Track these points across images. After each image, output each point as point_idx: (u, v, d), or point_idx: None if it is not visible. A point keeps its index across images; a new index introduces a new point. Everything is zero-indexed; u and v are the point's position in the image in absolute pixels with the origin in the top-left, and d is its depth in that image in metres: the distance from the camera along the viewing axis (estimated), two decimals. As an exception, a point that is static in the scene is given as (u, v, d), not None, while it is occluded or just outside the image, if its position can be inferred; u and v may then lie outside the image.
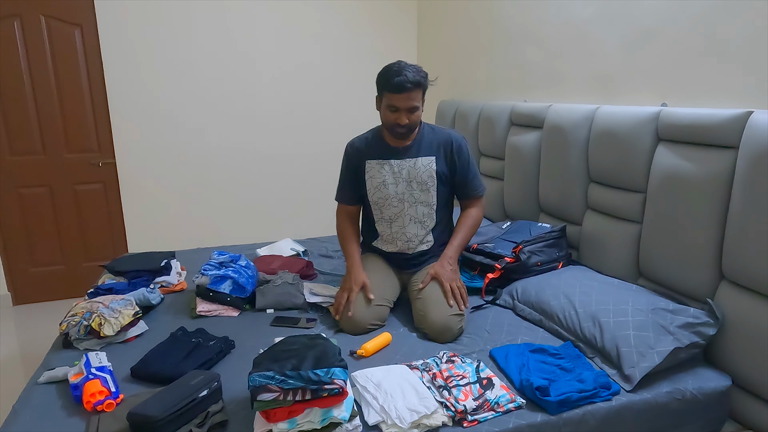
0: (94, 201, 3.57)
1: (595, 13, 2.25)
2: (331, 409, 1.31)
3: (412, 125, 1.93)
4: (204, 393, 1.34)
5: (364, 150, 2.08)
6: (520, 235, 2.32)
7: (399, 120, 1.90)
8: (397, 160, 2.03)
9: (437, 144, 2.04)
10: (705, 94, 1.79)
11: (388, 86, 1.87)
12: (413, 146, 2.03)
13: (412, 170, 2.02)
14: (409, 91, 1.85)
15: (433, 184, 2.03)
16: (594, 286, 1.88)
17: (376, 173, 2.05)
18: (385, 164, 2.04)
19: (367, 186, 2.07)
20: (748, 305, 1.56)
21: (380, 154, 2.05)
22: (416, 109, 1.91)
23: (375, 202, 2.08)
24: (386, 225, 2.09)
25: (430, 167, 2.02)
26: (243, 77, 3.69)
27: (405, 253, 2.09)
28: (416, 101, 1.89)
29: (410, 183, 2.02)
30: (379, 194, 2.05)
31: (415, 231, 2.06)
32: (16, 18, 3.16)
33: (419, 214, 2.05)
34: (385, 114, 1.94)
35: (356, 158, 2.09)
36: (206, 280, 2.09)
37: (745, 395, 1.59)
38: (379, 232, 2.12)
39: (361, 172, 2.08)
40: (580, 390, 1.46)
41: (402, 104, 1.87)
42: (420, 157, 2.03)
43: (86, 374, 1.47)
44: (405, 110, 1.89)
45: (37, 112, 3.33)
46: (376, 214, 2.10)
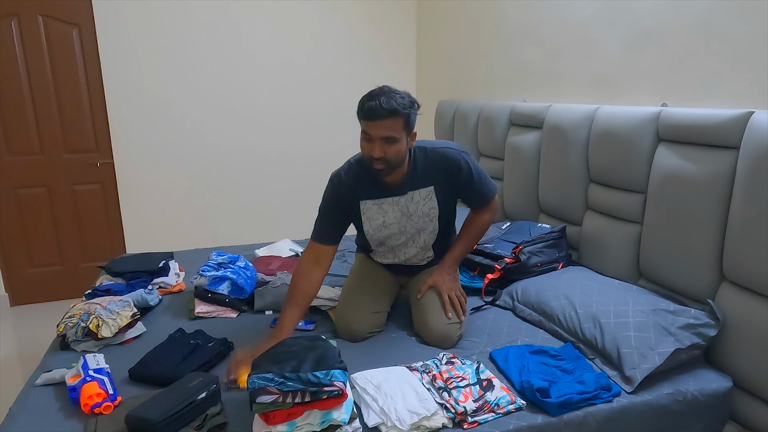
0: (92, 201, 3.56)
1: (595, 13, 2.25)
2: (331, 412, 1.31)
3: (390, 160, 1.66)
4: (202, 395, 1.33)
5: (356, 187, 1.83)
6: (519, 235, 2.32)
7: (372, 152, 1.64)
8: (396, 197, 1.82)
9: (433, 171, 1.81)
10: (705, 94, 1.79)
11: (362, 112, 1.64)
12: (407, 179, 1.80)
13: (412, 205, 1.83)
14: (381, 118, 1.60)
15: (436, 213, 1.85)
16: (594, 286, 1.88)
17: (374, 214, 1.85)
18: (383, 203, 1.83)
19: (365, 227, 1.88)
20: (749, 306, 1.56)
21: (376, 193, 1.82)
22: (394, 141, 1.64)
23: (375, 239, 1.91)
24: (387, 249, 1.95)
25: (430, 197, 1.83)
26: (242, 77, 3.68)
27: (403, 264, 2.00)
28: (393, 131, 1.62)
29: (411, 217, 1.85)
30: (379, 234, 1.88)
31: (415, 252, 1.95)
32: (14, 18, 3.15)
33: (421, 240, 1.92)
34: (361, 144, 1.70)
35: (347, 196, 1.83)
36: (205, 281, 2.08)
37: (746, 396, 1.59)
38: (378, 252, 1.99)
39: (354, 212, 1.86)
40: (580, 391, 1.45)
41: (374, 132, 1.62)
42: (417, 190, 1.82)
43: (84, 376, 1.46)
44: (379, 140, 1.63)
45: (35, 112, 3.32)
46: (374, 245, 1.94)
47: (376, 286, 1.99)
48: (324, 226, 1.86)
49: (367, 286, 1.97)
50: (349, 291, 1.99)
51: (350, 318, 1.87)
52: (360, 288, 1.98)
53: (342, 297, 1.99)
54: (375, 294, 1.95)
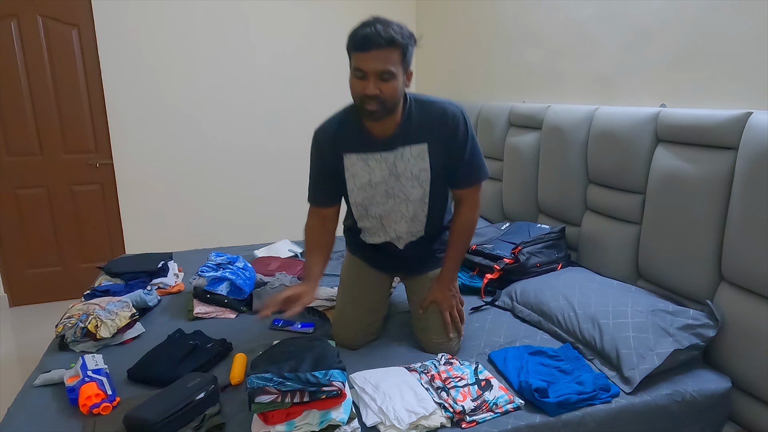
0: (91, 202, 3.56)
1: (594, 14, 2.25)
2: (330, 411, 1.31)
3: (385, 99, 1.48)
4: (201, 396, 1.33)
5: (340, 140, 1.66)
6: (519, 236, 2.32)
7: (366, 89, 1.46)
8: (384, 152, 1.63)
9: (429, 125, 1.61)
10: (704, 94, 1.79)
11: (354, 42, 1.45)
12: (401, 133, 1.61)
13: (401, 163, 1.63)
14: (378, 48, 1.41)
15: (427, 177, 1.65)
16: (593, 287, 1.88)
17: (359, 170, 1.66)
18: (369, 158, 1.64)
19: (348, 185, 1.69)
20: (747, 307, 1.56)
21: (361, 146, 1.64)
22: (390, 76, 1.45)
23: (359, 203, 1.72)
24: (374, 221, 1.75)
25: (422, 157, 1.62)
26: (241, 79, 3.68)
27: (394, 244, 1.79)
28: (389, 64, 1.44)
29: (400, 178, 1.65)
30: (363, 194, 1.69)
31: (406, 228, 1.74)
32: (13, 18, 3.15)
33: (410, 211, 1.71)
34: (352, 84, 1.52)
35: (330, 151, 1.67)
36: (203, 281, 2.08)
37: (745, 397, 1.59)
38: (365, 228, 1.79)
39: (338, 168, 1.68)
40: (579, 392, 1.45)
41: (369, 66, 1.44)
42: (408, 146, 1.61)
43: (82, 377, 1.46)
44: (373, 75, 1.45)
45: (34, 113, 3.32)
46: (359, 212, 1.74)
47: (370, 294, 1.87)
48: (317, 188, 1.75)
49: (360, 297, 1.85)
50: (342, 304, 1.89)
51: (346, 333, 1.80)
52: (353, 299, 1.86)
53: (336, 310, 1.92)
54: (369, 304, 1.85)
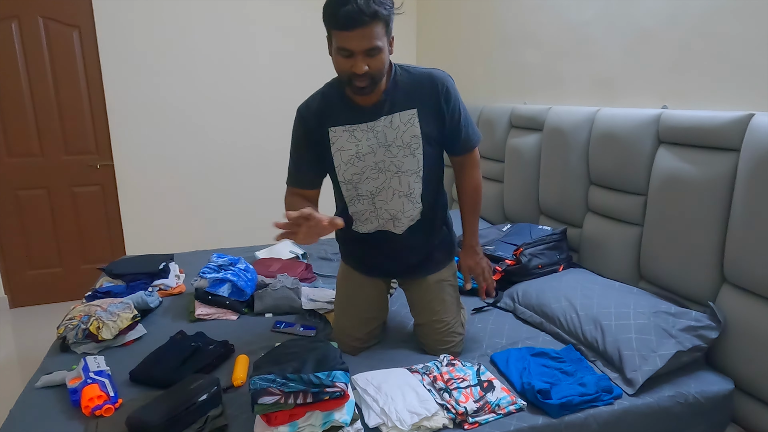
0: (91, 203, 3.56)
1: (595, 16, 2.25)
2: (333, 413, 1.30)
3: (374, 74, 1.42)
4: (203, 397, 1.33)
5: (324, 114, 1.58)
6: (520, 237, 2.32)
7: (355, 68, 1.39)
8: (371, 122, 1.55)
9: (417, 90, 1.55)
10: (706, 96, 1.79)
11: (336, 21, 1.36)
12: (386, 99, 1.54)
13: (390, 131, 1.55)
14: (363, 25, 1.34)
15: (419, 145, 1.57)
16: (595, 289, 1.88)
17: (345, 143, 1.57)
18: (355, 130, 1.56)
19: (335, 162, 1.59)
20: (750, 308, 1.55)
21: (347, 118, 1.56)
22: (377, 51, 1.39)
23: (348, 180, 1.61)
24: (366, 202, 1.64)
25: (411, 123, 1.55)
26: (242, 79, 3.69)
27: (390, 232, 1.69)
28: (376, 39, 1.37)
29: (390, 148, 1.56)
30: (352, 169, 1.59)
31: (401, 206, 1.63)
32: (14, 19, 3.15)
33: (404, 185, 1.61)
34: (337, 62, 1.44)
35: (315, 126, 1.58)
36: (205, 283, 2.08)
37: (748, 399, 1.58)
38: (357, 213, 1.67)
39: (324, 144, 1.59)
40: (581, 393, 1.45)
41: (356, 45, 1.36)
42: (397, 113, 1.54)
43: (84, 378, 1.46)
44: (361, 54, 1.38)
45: (35, 114, 3.32)
46: (350, 192, 1.64)
47: (365, 306, 1.80)
48: (299, 169, 1.64)
49: (356, 310, 1.79)
50: (339, 317, 1.84)
51: (344, 344, 1.77)
52: (348, 313, 1.80)
53: (335, 319, 1.87)
54: (365, 314, 1.80)
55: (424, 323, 1.77)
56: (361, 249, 1.79)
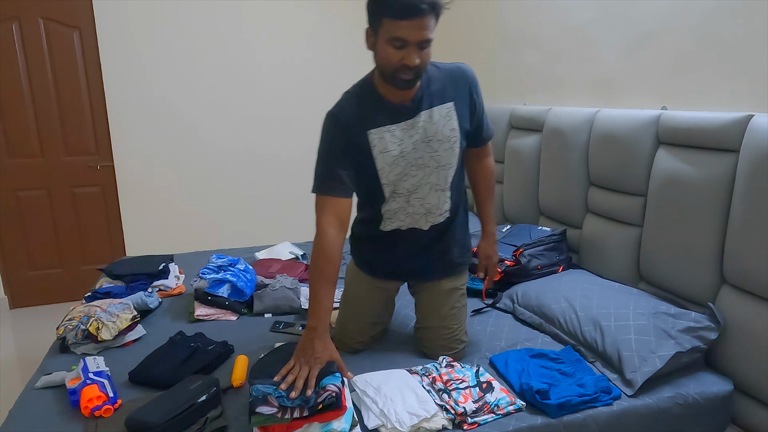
0: (92, 204, 3.56)
1: (595, 17, 2.25)
2: (331, 423, 1.29)
3: (421, 68, 1.39)
4: (203, 398, 1.33)
5: (361, 117, 1.51)
6: (520, 238, 2.32)
7: (408, 60, 1.34)
8: (410, 120, 1.51)
9: (451, 84, 1.54)
10: (705, 97, 1.79)
11: (391, 9, 1.30)
12: (422, 95, 1.51)
13: (430, 126, 1.51)
14: (421, 15, 1.29)
15: (457, 137, 1.55)
16: (594, 289, 1.88)
17: (388, 144, 1.50)
18: (395, 129, 1.51)
19: (378, 164, 1.52)
20: (749, 309, 1.55)
21: (385, 118, 1.50)
22: (429, 44, 1.37)
23: (391, 182, 1.55)
24: (401, 200, 1.59)
25: (450, 116, 1.53)
26: (242, 80, 3.69)
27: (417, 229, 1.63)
28: (430, 31, 1.34)
29: (430, 143, 1.53)
30: (396, 170, 1.53)
31: (435, 201, 1.60)
32: (15, 21, 3.15)
33: (441, 180, 1.58)
34: (385, 53, 1.37)
35: (352, 130, 1.51)
36: (204, 283, 2.08)
37: (747, 400, 1.58)
38: (389, 211, 1.62)
39: (363, 148, 1.52)
40: (580, 394, 1.45)
41: (412, 36, 1.31)
42: (435, 107, 1.52)
43: (84, 379, 1.46)
44: (415, 45, 1.33)
45: (36, 115, 3.32)
46: (388, 191, 1.57)
47: (373, 310, 1.80)
48: (331, 173, 1.52)
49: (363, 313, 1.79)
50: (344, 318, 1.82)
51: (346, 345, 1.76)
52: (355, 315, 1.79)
53: (337, 321, 1.85)
54: (372, 319, 1.80)
55: (430, 327, 1.74)
56: (377, 250, 1.72)
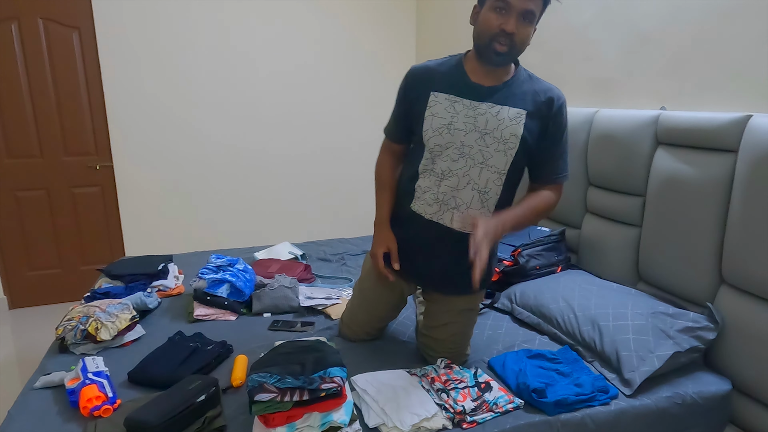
0: (91, 204, 3.56)
1: (594, 17, 2.25)
2: (331, 413, 1.31)
3: (517, 44, 1.42)
4: (202, 398, 1.33)
5: (432, 77, 1.55)
6: (518, 238, 2.32)
7: (506, 25, 1.38)
8: (476, 102, 1.49)
9: (533, 95, 1.51)
10: (704, 97, 1.80)
11: None
12: (502, 89, 1.50)
13: (493, 120, 1.48)
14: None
15: (515, 145, 1.49)
16: (593, 290, 1.88)
17: (442, 111, 1.51)
18: (457, 102, 1.50)
19: (424, 125, 1.53)
20: (748, 309, 1.56)
21: (453, 88, 1.52)
22: (531, 20, 1.41)
23: (431, 149, 1.54)
24: (434, 180, 1.56)
25: (517, 122, 1.49)
26: (241, 80, 3.69)
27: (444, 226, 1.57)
28: (535, 6, 1.39)
29: (485, 136, 1.49)
30: (438, 139, 1.52)
31: (468, 199, 1.54)
32: (14, 21, 3.15)
33: (482, 180, 1.52)
34: (487, 18, 1.41)
35: (419, 85, 1.56)
36: (204, 283, 2.08)
37: (746, 399, 1.59)
38: (421, 188, 1.59)
39: (421, 105, 1.54)
40: (577, 393, 1.46)
41: (517, 2, 1.36)
42: (508, 107, 1.49)
43: (83, 379, 1.46)
44: (516, 12, 1.37)
45: (35, 115, 3.32)
46: (426, 163, 1.57)
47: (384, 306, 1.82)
48: (394, 123, 1.69)
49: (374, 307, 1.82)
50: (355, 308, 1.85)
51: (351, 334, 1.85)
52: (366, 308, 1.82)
53: (347, 309, 1.89)
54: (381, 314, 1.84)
55: (437, 339, 1.72)
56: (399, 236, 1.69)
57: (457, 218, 1.55)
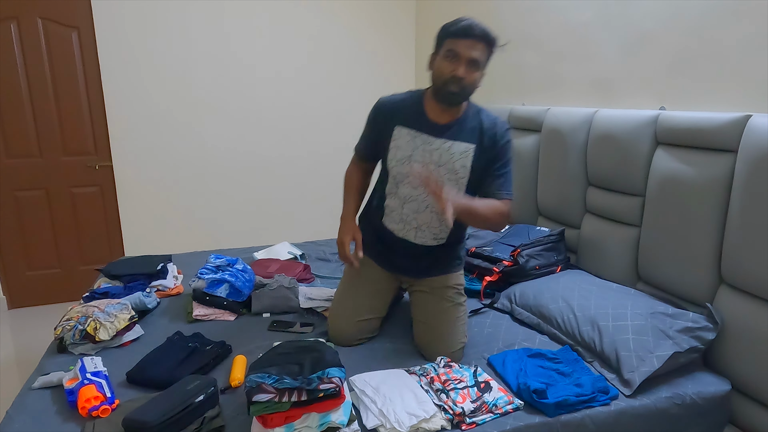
0: (90, 204, 3.56)
1: (594, 17, 2.25)
2: (329, 414, 1.30)
3: (466, 87, 1.62)
4: (200, 398, 1.33)
5: (397, 112, 1.76)
6: (518, 238, 2.32)
7: (456, 71, 1.59)
8: (432, 137, 1.71)
9: (481, 130, 1.72)
10: (703, 97, 1.79)
11: (451, 30, 1.62)
12: (454, 126, 1.71)
13: (446, 154, 1.70)
14: (474, 38, 1.58)
15: (465, 176, 1.72)
16: (593, 290, 1.88)
17: (404, 144, 1.73)
18: (417, 137, 1.72)
19: (389, 155, 1.76)
20: (747, 309, 1.56)
21: (415, 124, 1.72)
22: (477, 67, 1.61)
23: (394, 176, 1.77)
24: (398, 203, 1.79)
25: (467, 156, 1.71)
26: (240, 80, 3.69)
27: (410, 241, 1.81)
28: (480, 56, 1.60)
29: (439, 168, 1.71)
30: (400, 168, 1.74)
31: (428, 221, 1.77)
32: (13, 20, 3.15)
33: (438, 205, 1.68)
34: (441, 65, 1.63)
35: (385, 117, 1.77)
36: (203, 283, 2.08)
37: (745, 400, 1.59)
38: (388, 207, 1.83)
39: (386, 137, 1.76)
40: (577, 394, 1.46)
41: (464, 51, 1.58)
42: (458, 141, 1.70)
43: (81, 379, 1.46)
44: (465, 60, 1.59)
45: (34, 115, 3.31)
46: (391, 187, 1.80)
47: (370, 289, 1.91)
48: (363, 144, 1.92)
49: (360, 289, 1.90)
50: (341, 294, 1.94)
51: (339, 324, 1.84)
52: (351, 291, 1.92)
53: (334, 299, 1.96)
54: (368, 298, 1.89)
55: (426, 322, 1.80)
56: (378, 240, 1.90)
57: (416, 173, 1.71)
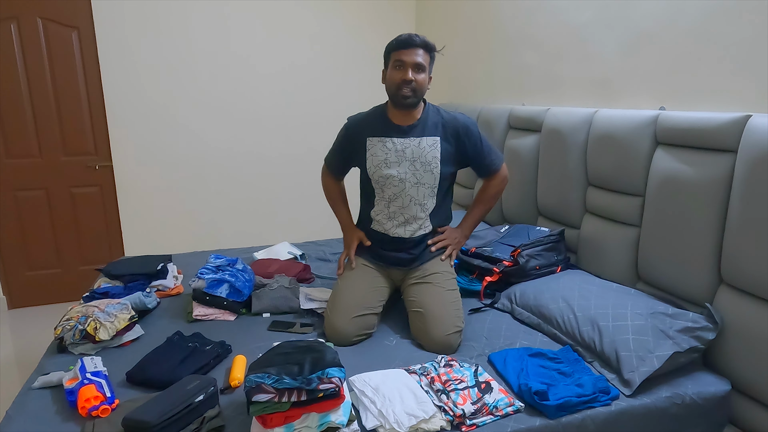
0: (90, 204, 3.56)
1: (593, 17, 2.25)
2: (329, 414, 1.30)
3: (417, 89, 1.87)
4: (200, 398, 1.33)
5: (365, 126, 2.01)
6: (518, 238, 2.32)
7: (404, 76, 1.84)
8: (400, 138, 1.95)
9: (442, 125, 1.97)
10: (703, 97, 1.79)
11: (394, 44, 1.87)
12: (418, 125, 1.96)
13: (417, 150, 1.95)
14: (415, 46, 1.84)
15: (437, 165, 1.96)
16: (593, 290, 1.88)
17: (378, 151, 1.97)
18: (388, 142, 1.96)
19: (368, 164, 1.99)
20: (747, 309, 1.56)
21: (382, 131, 1.98)
22: (422, 69, 1.86)
23: (376, 181, 2.00)
24: (385, 204, 2.01)
25: (435, 147, 1.95)
26: (240, 80, 3.69)
27: (401, 237, 2.02)
28: (423, 60, 1.85)
29: (413, 163, 1.95)
30: (380, 172, 1.97)
31: (414, 213, 2.00)
32: (13, 20, 3.15)
33: (420, 195, 1.98)
34: (391, 76, 1.89)
35: (356, 133, 2.02)
36: (203, 283, 2.07)
37: (745, 400, 1.59)
38: (377, 211, 2.05)
39: (361, 150, 2.01)
40: (578, 395, 1.45)
41: (408, 58, 1.84)
42: (424, 137, 1.95)
43: (81, 379, 1.46)
44: (411, 66, 1.84)
45: (34, 115, 3.32)
46: (378, 192, 2.02)
47: (364, 286, 1.98)
48: (334, 160, 2.16)
49: (356, 287, 1.96)
50: (336, 293, 1.97)
51: (336, 320, 1.85)
52: (347, 288, 1.97)
53: (330, 298, 1.98)
54: (363, 295, 1.94)
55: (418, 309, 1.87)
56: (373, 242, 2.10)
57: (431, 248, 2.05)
